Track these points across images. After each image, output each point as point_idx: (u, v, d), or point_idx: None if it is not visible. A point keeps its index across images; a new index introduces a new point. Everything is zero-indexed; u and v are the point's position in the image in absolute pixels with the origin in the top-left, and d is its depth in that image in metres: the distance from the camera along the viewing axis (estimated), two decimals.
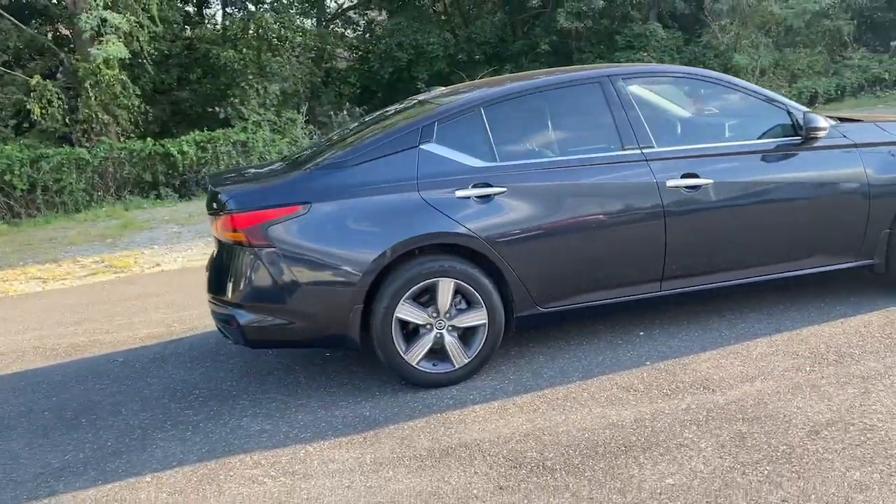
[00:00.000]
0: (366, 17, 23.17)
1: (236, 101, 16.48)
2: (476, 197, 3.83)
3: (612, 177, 3.98)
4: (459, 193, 3.82)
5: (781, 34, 18.72)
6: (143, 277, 7.61)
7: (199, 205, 13.12)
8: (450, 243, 3.82)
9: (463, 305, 3.92)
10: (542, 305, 3.98)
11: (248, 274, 3.79)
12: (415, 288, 3.80)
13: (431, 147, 3.90)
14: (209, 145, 15.60)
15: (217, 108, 16.78)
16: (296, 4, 19.59)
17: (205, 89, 19.24)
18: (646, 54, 17.24)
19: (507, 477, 3.07)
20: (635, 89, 4.14)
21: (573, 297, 4.02)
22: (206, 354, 4.92)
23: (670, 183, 3.98)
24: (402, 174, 3.84)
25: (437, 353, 3.92)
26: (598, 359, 4.09)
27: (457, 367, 3.92)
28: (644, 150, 4.01)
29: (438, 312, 3.87)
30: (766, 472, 2.89)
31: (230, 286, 3.86)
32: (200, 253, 8.64)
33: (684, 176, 4.00)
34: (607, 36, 17.75)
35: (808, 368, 3.70)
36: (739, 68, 16.93)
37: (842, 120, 4.45)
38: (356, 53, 21.32)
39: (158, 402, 4.23)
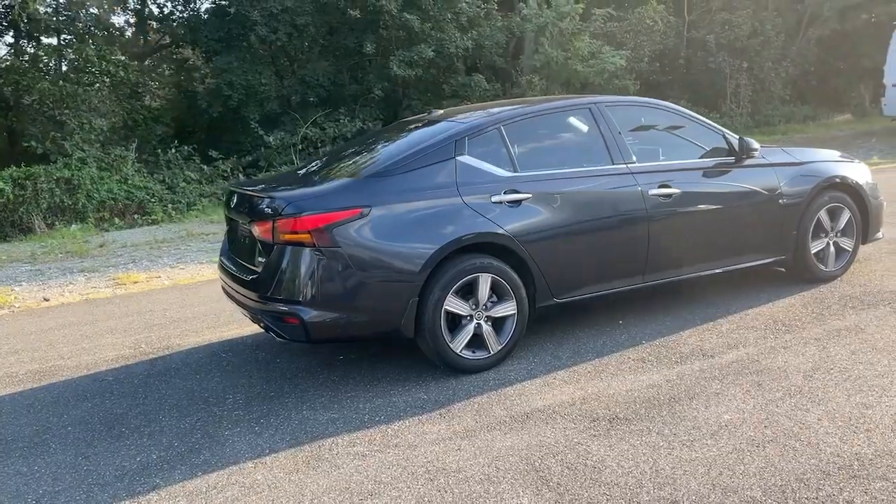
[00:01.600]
0: (178, 55, 22.70)
1: (59, 135, 15.55)
2: (508, 202, 4.40)
3: (608, 186, 4.72)
4: (495, 199, 4.37)
5: (579, 88, 20.93)
6: (45, 311, 7.19)
7: (29, 245, 12.25)
8: (489, 242, 4.33)
9: (494, 298, 4.43)
10: (558, 297, 4.61)
11: (313, 273, 4.04)
12: (460, 283, 4.27)
13: (465, 159, 4.42)
14: (28, 182, 14.56)
15: (34, 143, 15.70)
16: (98, 41, 18.69)
17: (8, 122, 17.87)
18: (469, 102, 18.59)
19: (593, 428, 3.63)
20: (614, 114, 4.94)
21: (581, 289, 4.69)
22: (207, 367, 4.97)
23: (651, 192, 4.80)
24: (443, 181, 4.33)
25: (473, 341, 4.39)
26: (599, 342, 4.77)
27: (492, 353, 4.42)
28: (629, 165, 4.81)
29: (477, 305, 4.36)
30: (792, 403, 3.70)
31: (290, 285, 4.09)
32: (89, 287, 8.27)
33: (660, 186, 4.84)
34: (434, 85, 18.90)
35: (771, 337, 4.63)
36: None
37: None
38: (178, 91, 20.81)
39: (197, 409, 4.29)
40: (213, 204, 16.02)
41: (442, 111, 5.36)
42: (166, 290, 7.66)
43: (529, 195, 4.46)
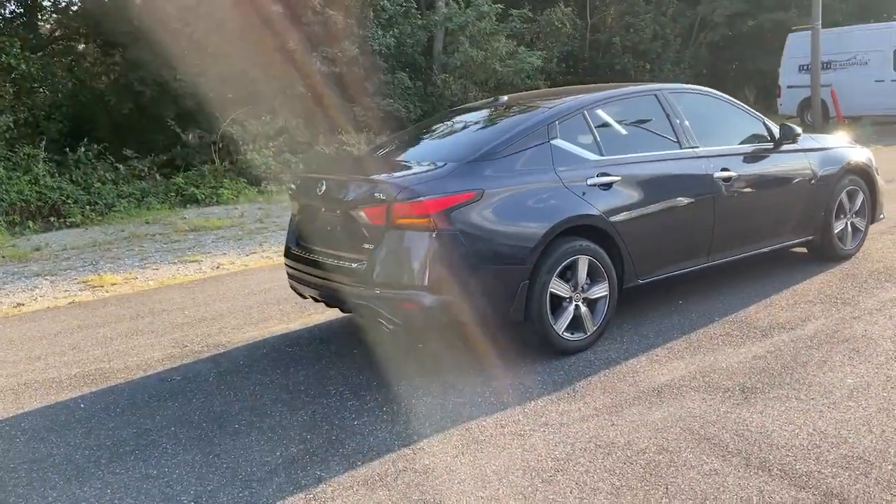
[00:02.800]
0: (74, 49, 21.45)
1: None
2: (600, 185, 4.49)
3: (683, 170, 4.90)
4: (590, 181, 4.45)
5: (493, 88, 21.25)
6: (31, 316, 6.64)
7: None
8: (587, 224, 4.40)
9: (588, 280, 4.50)
10: (641, 277, 4.74)
11: (432, 257, 3.98)
12: (562, 265, 4.32)
13: (558, 142, 4.48)
14: None
15: None
16: None
17: None
18: (392, 101, 18.52)
19: (730, 398, 3.77)
20: (676, 100, 5.12)
21: (661, 269, 4.84)
22: (282, 362, 4.79)
23: (716, 175, 5.01)
24: (543, 165, 4.37)
25: (571, 323, 4.44)
26: (674, 320, 4.94)
27: (588, 334, 4.50)
28: (695, 149, 5.00)
29: (576, 287, 4.42)
30: None
31: (408, 270, 4.01)
32: (61, 291, 7.70)
33: (723, 170, 5.06)
34: (356, 82, 18.69)
35: (833, 309, 4.93)
36: None
37: None
38: (76, 86, 19.62)
39: (303, 402, 4.14)
40: (131, 205, 15.23)
41: (507, 97, 5.38)
42: (160, 291, 7.26)
43: (619, 178, 4.56)
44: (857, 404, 3.59)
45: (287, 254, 4.93)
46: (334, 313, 5.67)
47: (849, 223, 6.00)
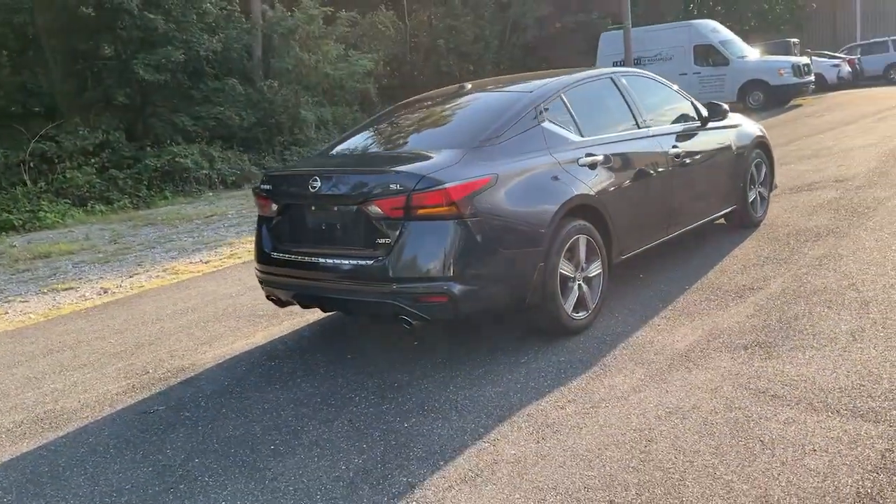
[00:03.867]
0: None
1: None
2: (589, 165, 4.56)
3: (645, 148, 5.09)
4: (581, 162, 4.51)
5: (323, 93, 20.95)
6: None
7: None
8: (584, 204, 4.46)
9: (585, 259, 4.56)
10: (623, 254, 4.88)
11: (459, 245, 3.86)
12: (567, 246, 4.35)
13: (547, 125, 4.50)
14: None
15: None
16: None
17: None
18: (223, 108, 17.66)
19: (756, 355, 3.96)
20: (627, 83, 5.32)
21: (635, 245, 5.00)
22: (273, 377, 4.45)
23: (671, 151, 5.26)
24: (539, 147, 4.37)
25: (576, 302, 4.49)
26: (650, 293, 5.11)
27: (589, 312, 4.56)
28: (650, 129, 5.22)
29: (577, 266, 4.47)
30: (879, 310, 4.37)
31: (435, 261, 3.86)
32: None
33: (673, 146, 5.32)
34: (181, 90, 17.63)
35: (782, 269, 5.32)
36: (306, 122, 18.62)
37: None
38: None
39: (332, 414, 3.87)
40: None
41: (470, 84, 5.31)
42: (55, 323, 6.45)
43: (601, 157, 4.66)
44: (865, 346, 3.91)
45: (263, 259, 4.56)
46: (296, 322, 5.34)
47: (757, 193, 6.52)
